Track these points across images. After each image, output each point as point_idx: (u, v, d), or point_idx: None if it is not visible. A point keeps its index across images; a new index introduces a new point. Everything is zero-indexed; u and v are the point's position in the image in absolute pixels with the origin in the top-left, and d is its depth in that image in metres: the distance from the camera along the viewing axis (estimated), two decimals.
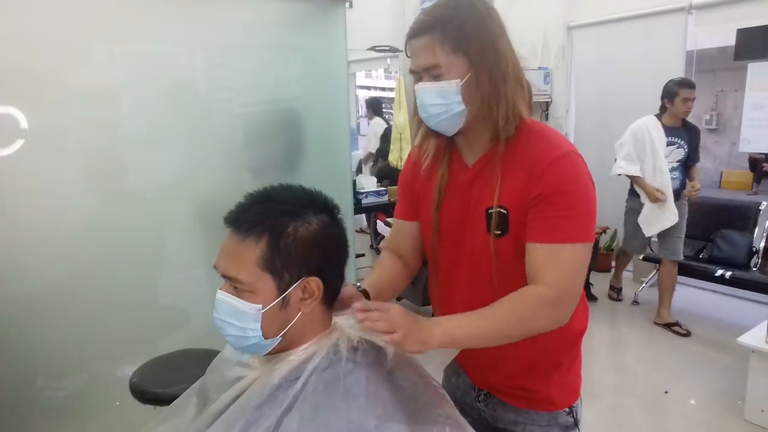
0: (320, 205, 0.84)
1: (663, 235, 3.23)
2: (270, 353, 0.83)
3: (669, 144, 3.14)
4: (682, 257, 3.25)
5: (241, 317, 0.78)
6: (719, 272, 3.24)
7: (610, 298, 3.76)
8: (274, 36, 2.48)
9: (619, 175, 3.27)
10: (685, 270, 3.47)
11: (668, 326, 3.25)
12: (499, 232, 0.92)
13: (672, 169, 3.17)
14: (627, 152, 3.20)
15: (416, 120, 0.98)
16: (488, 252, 0.93)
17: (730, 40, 5.61)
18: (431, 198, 1.02)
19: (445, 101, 0.89)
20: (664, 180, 3.12)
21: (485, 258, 0.94)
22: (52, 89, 1.93)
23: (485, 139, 0.94)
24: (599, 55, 4.33)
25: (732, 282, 3.26)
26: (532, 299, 0.86)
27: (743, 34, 5.34)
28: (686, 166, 3.21)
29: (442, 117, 0.90)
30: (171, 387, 1.39)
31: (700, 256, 3.52)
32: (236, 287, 0.79)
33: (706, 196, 3.13)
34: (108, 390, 2.07)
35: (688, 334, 3.17)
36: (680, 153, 3.18)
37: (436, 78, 0.88)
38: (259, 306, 0.78)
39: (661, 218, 3.17)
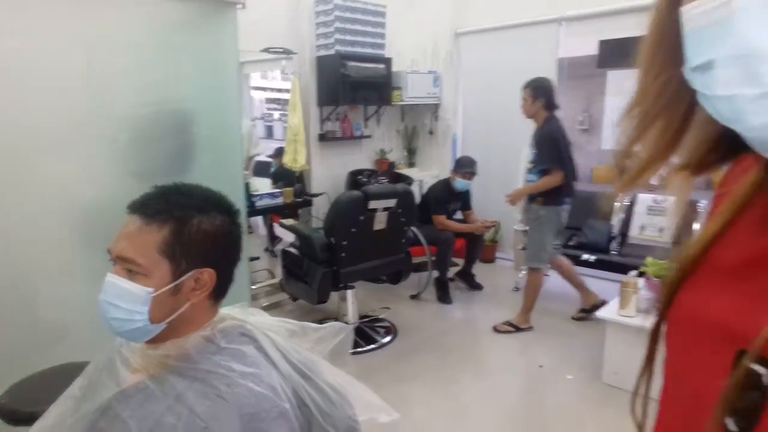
0: (224, 207, 0.90)
1: None
2: (150, 341, 0.85)
3: None
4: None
5: (129, 299, 0.80)
6: (584, 256, 3.69)
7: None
8: (163, 35, 2.40)
9: None
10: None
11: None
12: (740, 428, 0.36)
13: None
14: None
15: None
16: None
17: (596, 50, 6.29)
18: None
19: None
20: None
21: None
22: None
23: None
24: (484, 60, 4.66)
25: (595, 264, 3.73)
26: None
27: (605, 45, 6.03)
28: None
29: None
30: (49, 404, 1.32)
31: (570, 243, 3.96)
32: (130, 270, 0.81)
33: (580, 189, 3.48)
34: None
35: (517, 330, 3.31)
36: None
37: None
38: (151, 289, 0.80)
39: None
